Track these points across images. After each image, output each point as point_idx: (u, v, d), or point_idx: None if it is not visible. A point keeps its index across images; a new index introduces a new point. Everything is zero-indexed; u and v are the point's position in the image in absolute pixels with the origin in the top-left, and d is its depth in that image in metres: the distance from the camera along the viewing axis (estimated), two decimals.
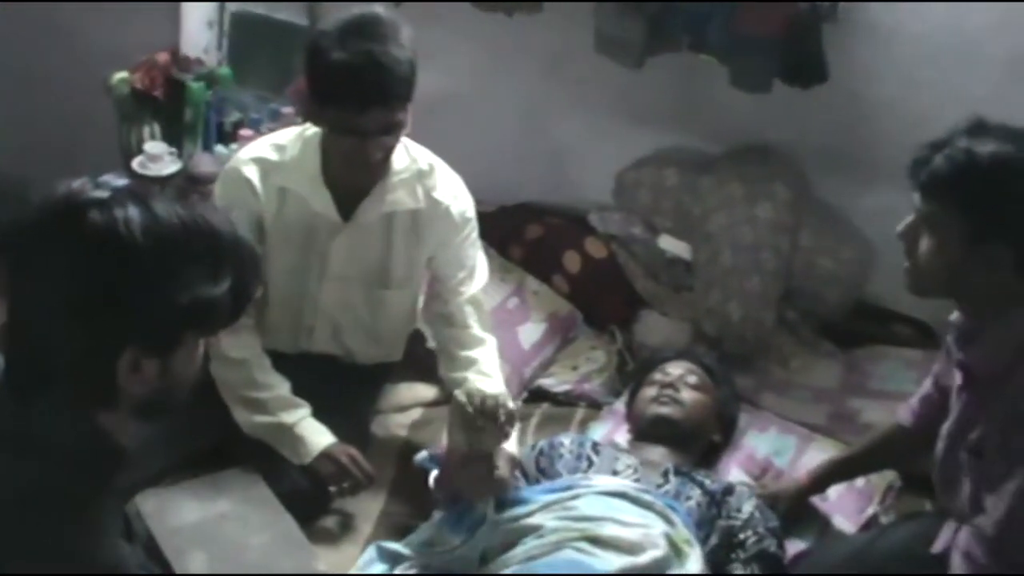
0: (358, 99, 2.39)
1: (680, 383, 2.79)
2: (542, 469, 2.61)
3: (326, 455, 2.59)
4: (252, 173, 2.59)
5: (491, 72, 3.52)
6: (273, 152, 2.62)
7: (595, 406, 3.10)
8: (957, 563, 2.15)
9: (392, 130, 2.46)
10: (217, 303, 1.54)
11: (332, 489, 2.59)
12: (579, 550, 2.27)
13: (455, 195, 2.70)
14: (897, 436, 2.57)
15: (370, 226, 2.64)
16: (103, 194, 1.50)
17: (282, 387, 2.64)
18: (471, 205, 2.75)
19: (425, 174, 2.65)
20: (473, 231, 2.77)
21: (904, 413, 2.54)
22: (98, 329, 1.49)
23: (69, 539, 1.51)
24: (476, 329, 2.77)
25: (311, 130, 2.61)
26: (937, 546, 2.26)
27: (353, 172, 2.55)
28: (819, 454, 2.84)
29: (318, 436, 2.61)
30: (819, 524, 2.69)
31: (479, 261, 2.81)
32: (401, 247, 2.70)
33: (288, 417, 2.61)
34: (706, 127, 3.39)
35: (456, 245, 2.73)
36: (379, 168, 2.55)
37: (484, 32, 3.35)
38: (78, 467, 1.55)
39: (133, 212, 1.48)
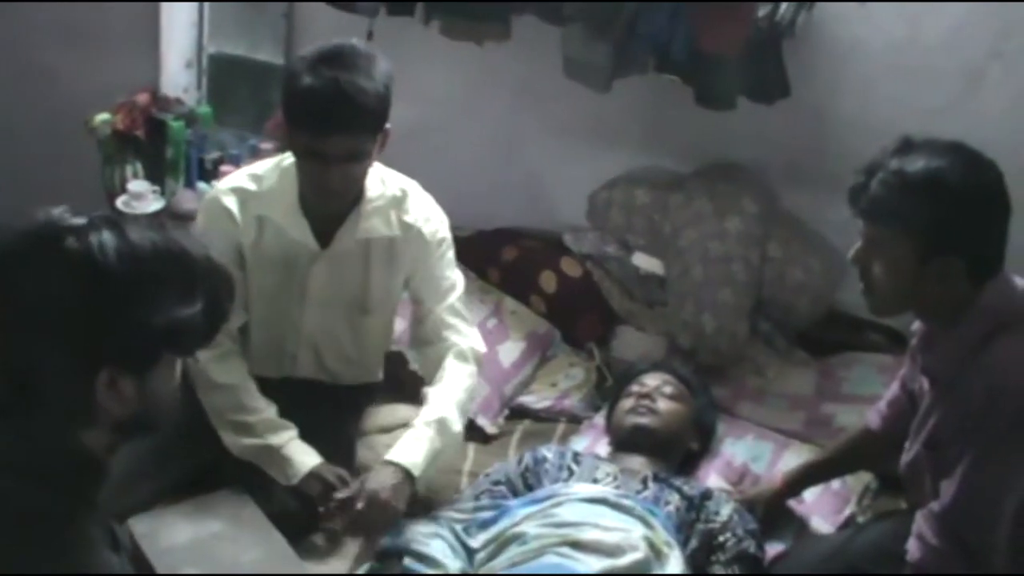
0: (321, 125, 2.44)
1: (656, 393, 2.85)
2: (529, 485, 2.65)
3: (314, 475, 2.61)
4: (231, 203, 2.64)
5: (463, 100, 3.60)
6: (251, 182, 2.68)
7: (575, 421, 3.16)
8: (912, 548, 2.21)
9: (356, 158, 2.50)
10: (190, 324, 1.60)
11: (320, 509, 2.61)
12: (561, 555, 2.31)
13: (427, 217, 2.75)
14: (867, 439, 2.63)
15: (347, 253, 2.69)
16: (80, 221, 1.56)
17: (269, 410, 2.67)
18: (444, 225, 2.79)
19: (398, 200, 2.70)
20: (448, 250, 2.81)
21: (873, 416, 2.60)
22: (75, 350, 1.55)
23: (56, 553, 1.55)
24: (452, 340, 2.77)
25: (288, 160, 2.66)
26: (908, 542, 2.31)
27: (320, 197, 2.59)
28: (795, 459, 2.90)
29: (305, 456, 2.64)
30: (796, 526, 2.74)
31: (455, 277, 2.84)
32: (378, 273, 2.75)
33: (275, 439, 2.63)
34: (674, 147, 3.47)
35: (430, 265, 2.78)
36: (346, 194, 2.60)
37: (455, 61, 3.42)
38: (61, 483, 1.59)
39: (107, 237, 1.54)
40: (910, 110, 3.08)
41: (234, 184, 2.69)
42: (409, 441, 2.62)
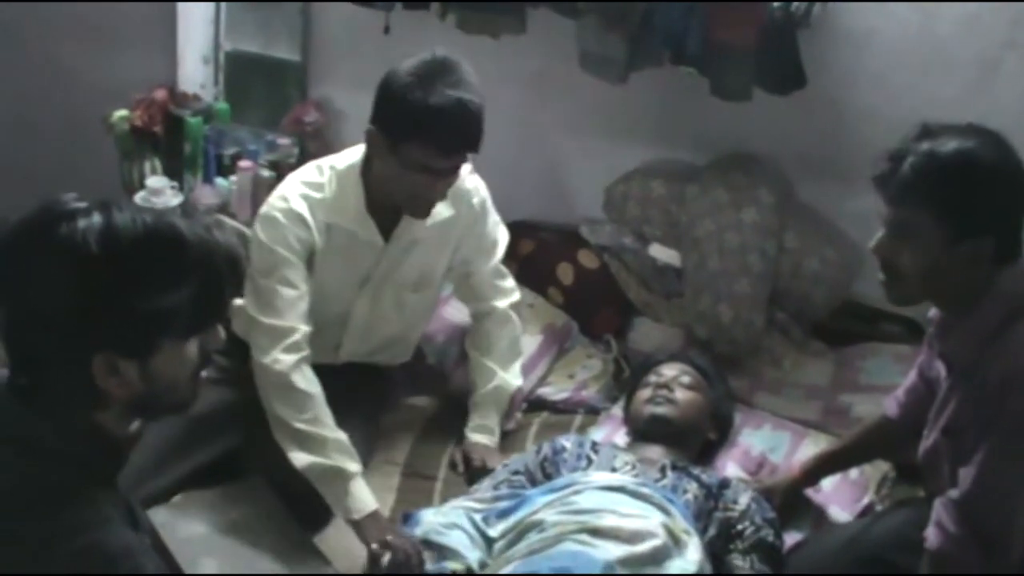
0: (449, 144, 2.49)
1: (674, 383, 2.85)
2: (548, 474, 2.66)
3: (374, 516, 2.53)
4: (303, 209, 2.63)
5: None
6: (315, 191, 2.67)
7: (593, 412, 3.17)
8: (931, 535, 2.20)
9: (460, 169, 2.58)
10: (179, 308, 1.60)
11: (373, 545, 2.46)
12: (579, 542, 2.31)
13: (473, 187, 2.82)
14: (884, 427, 2.64)
15: (409, 243, 2.75)
16: (77, 206, 1.57)
17: (342, 432, 2.59)
18: (483, 185, 2.87)
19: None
20: (489, 209, 2.91)
21: (890, 405, 2.60)
22: (68, 335, 1.56)
23: (71, 529, 1.57)
24: (493, 304, 2.99)
25: (340, 165, 2.69)
26: (927, 530, 2.31)
27: (421, 208, 2.62)
28: (813, 448, 2.90)
29: (368, 495, 2.56)
30: (814, 515, 2.74)
31: (499, 233, 2.97)
32: (435, 253, 2.82)
33: (351, 466, 2.54)
34: (690, 138, 3.47)
35: (478, 230, 2.88)
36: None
37: (471, 55, 3.39)
38: (79, 463, 1.62)
39: (94, 223, 1.55)
40: (925, 100, 3.09)
41: (300, 192, 2.67)
42: (480, 419, 2.93)
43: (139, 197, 3.50)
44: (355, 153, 2.70)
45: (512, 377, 3.01)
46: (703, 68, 3.12)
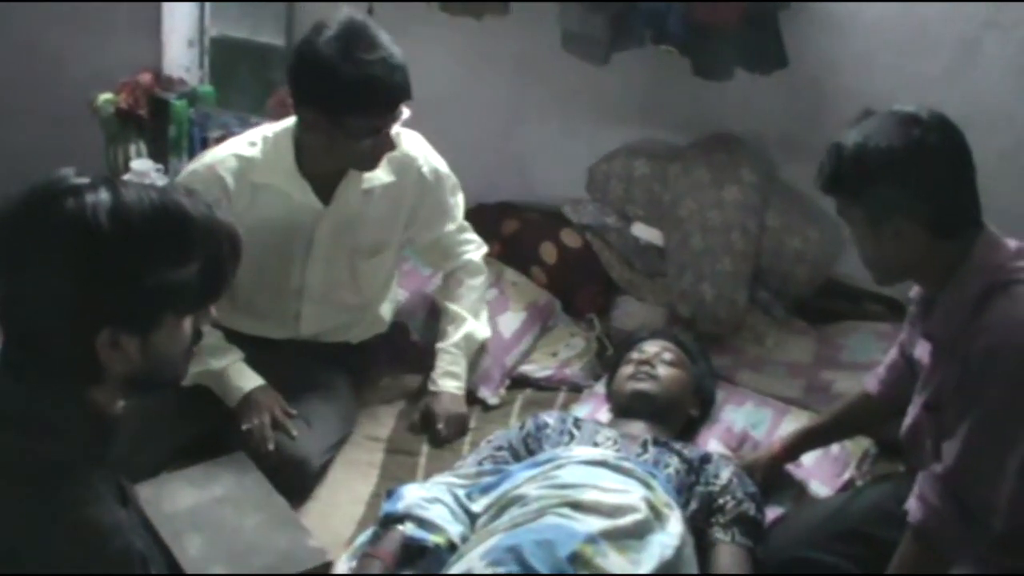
0: (388, 102, 2.56)
1: (656, 360, 2.87)
2: (531, 450, 2.67)
3: (246, 401, 2.70)
4: (227, 172, 2.69)
5: (462, 75, 3.62)
6: (246, 151, 2.73)
7: (576, 390, 3.19)
8: (913, 509, 2.22)
9: (399, 119, 2.63)
10: (185, 284, 1.63)
11: (244, 427, 2.65)
12: (561, 515, 2.31)
13: (421, 154, 2.86)
14: (864, 404, 2.66)
15: (350, 205, 2.77)
16: (82, 181, 1.59)
17: (211, 335, 2.70)
18: (438, 159, 2.92)
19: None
20: (446, 180, 2.95)
21: (871, 381, 2.62)
22: (74, 309, 1.57)
23: (62, 505, 1.58)
24: (464, 258, 3.08)
25: (272, 130, 2.75)
26: (908, 503, 2.33)
27: (370, 164, 2.69)
28: (795, 425, 2.91)
29: (244, 380, 2.72)
30: (795, 490, 2.76)
31: (458, 200, 3.02)
32: (380, 217, 2.84)
33: (214, 364, 2.71)
34: (672, 119, 3.49)
35: (432, 198, 2.92)
36: None
37: (453, 36, 3.45)
38: (68, 438, 1.63)
39: (102, 198, 1.56)
40: (907, 80, 3.10)
41: (232, 151, 2.74)
42: (448, 366, 2.97)
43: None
44: (287, 121, 2.75)
45: (482, 326, 3.08)
46: (685, 48, 3.12)
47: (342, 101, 2.53)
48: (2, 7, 3.92)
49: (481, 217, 3.47)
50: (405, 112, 2.62)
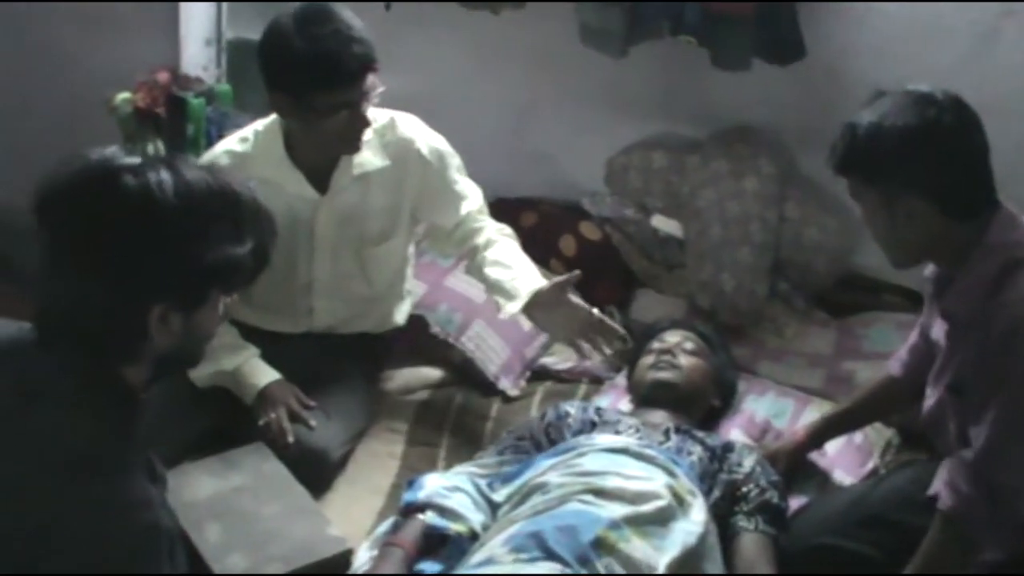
0: (345, 75, 2.53)
1: (677, 349, 2.86)
2: (552, 440, 2.66)
3: (262, 397, 2.69)
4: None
5: (480, 69, 3.62)
6: (238, 146, 2.75)
7: (597, 382, 3.18)
8: (944, 496, 2.20)
9: (372, 93, 2.60)
10: (241, 262, 1.67)
11: (261, 422, 2.65)
12: (584, 502, 2.30)
13: (420, 136, 2.84)
14: (889, 386, 2.64)
15: (347, 193, 2.76)
16: (134, 160, 1.62)
17: (227, 334, 2.70)
18: (440, 140, 2.88)
19: (387, 128, 2.78)
20: (450, 161, 2.90)
21: (894, 364, 2.61)
22: (131, 284, 1.60)
23: (96, 481, 1.60)
24: (486, 228, 2.93)
25: (262, 123, 2.77)
26: (932, 489, 2.30)
27: (348, 143, 2.67)
28: (817, 415, 2.89)
29: (258, 377, 2.71)
30: (819, 479, 2.74)
31: (469, 184, 2.95)
32: (381, 203, 2.82)
33: (225, 364, 2.70)
34: (690, 112, 3.48)
35: (437, 180, 2.87)
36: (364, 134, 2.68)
37: (471, 31, 3.44)
38: (101, 414, 1.64)
39: (165, 176, 1.60)
40: (924, 70, 3.07)
41: (225, 148, 2.76)
42: (526, 274, 2.83)
43: None
44: (274, 115, 2.75)
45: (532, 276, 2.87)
46: (702, 39, 3.12)
47: (302, 79, 2.53)
48: (20, 7, 3.93)
49: (500, 211, 3.46)
50: (377, 87, 2.60)
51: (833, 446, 2.79)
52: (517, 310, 2.74)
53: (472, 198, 2.95)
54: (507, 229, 2.98)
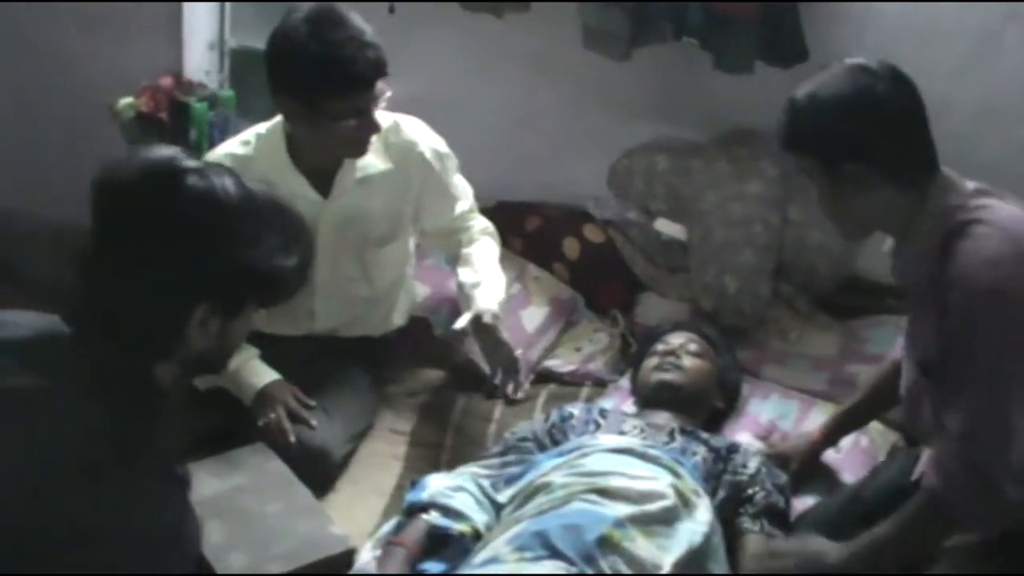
0: (363, 79, 2.53)
1: (681, 351, 2.85)
2: (556, 441, 2.65)
3: (260, 397, 2.68)
4: None
5: (483, 72, 3.62)
6: (239, 149, 2.74)
7: (600, 384, 3.16)
8: (929, 475, 2.17)
9: (381, 98, 2.60)
10: (287, 275, 1.70)
11: (261, 423, 2.64)
12: (588, 501, 2.29)
13: (422, 138, 2.84)
14: (896, 372, 2.59)
15: (350, 195, 2.76)
16: (196, 163, 1.65)
17: None
18: (440, 142, 2.89)
19: (390, 131, 2.78)
20: (448, 162, 2.92)
21: (897, 351, 2.58)
22: (180, 283, 1.62)
23: (130, 471, 1.61)
24: (473, 229, 2.99)
25: (264, 127, 2.76)
26: (916, 473, 2.32)
27: (354, 148, 2.67)
28: (822, 416, 2.88)
29: (257, 377, 2.70)
30: (827, 481, 2.73)
31: (462, 184, 2.99)
32: (384, 205, 2.82)
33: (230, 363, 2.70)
34: (693, 116, 3.48)
35: (437, 181, 2.89)
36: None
37: (474, 34, 3.45)
38: (130, 409, 1.65)
39: (228, 182, 1.64)
40: (926, 73, 3.03)
41: (226, 151, 2.75)
42: (490, 293, 2.88)
43: None
44: (277, 118, 2.75)
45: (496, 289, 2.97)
46: (705, 41, 3.13)
47: (314, 83, 2.52)
48: (23, 11, 3.94)
49: (503, 214, 3.48)
50: (386, 92, 2.60)
51: (842, 446, 2.77)
52: (459, 327, 2.83)
53: (465, 198, 2.99)
54: (490, 228, 3.05)
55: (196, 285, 1.63)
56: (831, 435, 2.72)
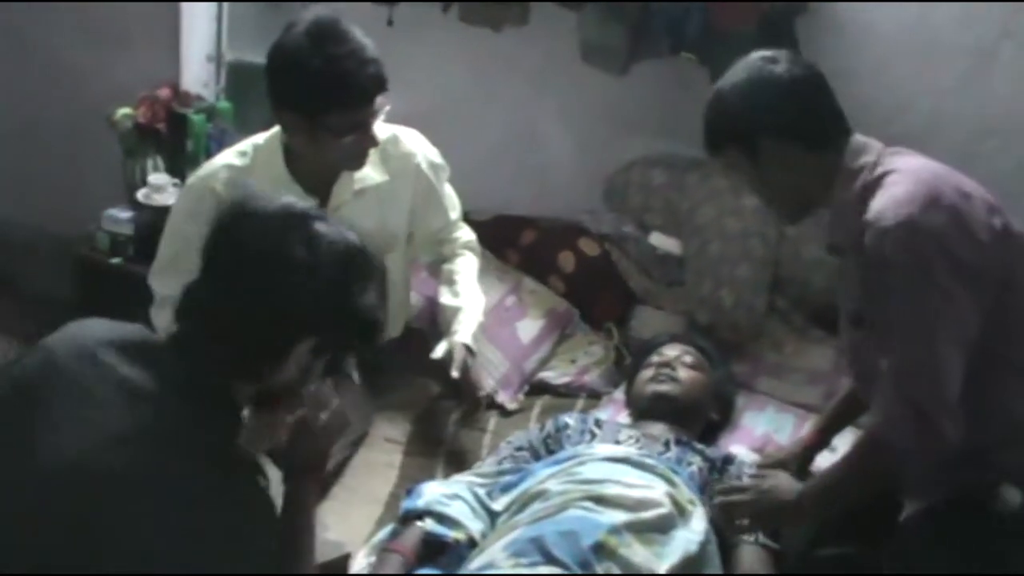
0: (364, 95, 2.53)
1: (676, 363, 2.86)
2: (552, 451, 2.66)
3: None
4: (220, 184, 2.68)
5: (480, 86, 3.64)
6: (237, 160, 2.75)
7: (595, 396, 3.17)
8: (875, 416, 2.20)
9: (381, 112, 2.61)
10: (383, 325, 1.85)
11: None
12: (584, 508, 2.30)
13: (419, 150, 2.86)
14: None
15: (346, 207, 2.76)
16: (323, 211, 1.84)
17: None
18: (435, 152, 2.91)
19: (388, 143, 2.79)
20: (442, 173, 2.94)
21: None
22: (299, 316, 1.72)
23: (237, 469, 1.73)
24: (458, 243, 3.01)
25: (261, 138, 2.77)
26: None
27: (353, 161, 2.68)
28: None
29: None
30: None
31: (452, 196, 3.01)
32: (379, 217, 2.82)
33: None
34: (690, 130, 3.40)
35: (432, 192, 2.91)
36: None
37: (472, 47, 3.46)
38: (223, 417, 1.75)
39: (348, 232, 1.81)
40: (922, 88, 3.12)
41: (224, 162, 2.76)
42: (466, 324, 2.86)
43: (141, 193, 3.54)
44: (274, 129, 2.75)
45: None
46: (703, 57, 3.14)
47: (315, 98, 2.52)
48: (22, 22, 3.96)
49: (500, 227, 3.49)
50: (385, 106, 2.61)
51: (831, 455, 2.76)
52: (436, 357, 2.82)
53: (453, 208, 3.01)
54: (473, 241, 3.07)
55: (309, 321, 1.73)
56: (824, 435, 2.71)
